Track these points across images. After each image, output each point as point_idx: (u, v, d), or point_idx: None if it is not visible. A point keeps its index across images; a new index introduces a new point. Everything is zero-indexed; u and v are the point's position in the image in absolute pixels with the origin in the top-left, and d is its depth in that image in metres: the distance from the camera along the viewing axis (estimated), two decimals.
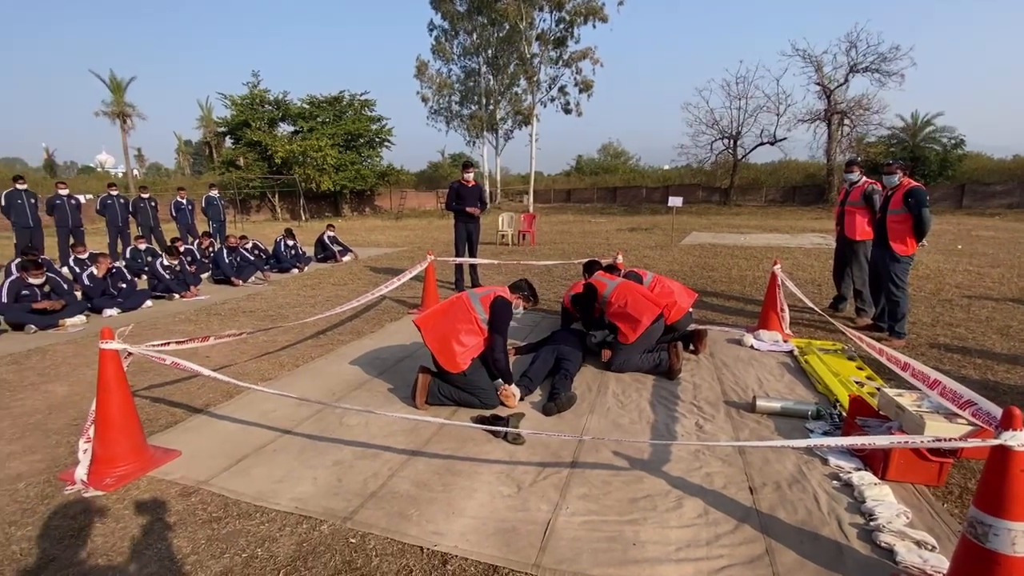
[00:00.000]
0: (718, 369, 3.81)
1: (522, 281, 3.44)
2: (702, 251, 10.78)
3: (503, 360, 3.11)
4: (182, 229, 11.13)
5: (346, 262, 10.08)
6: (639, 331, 3.62)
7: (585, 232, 16.36)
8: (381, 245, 13.55)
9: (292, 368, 3.95)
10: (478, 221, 6.99)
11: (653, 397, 3.31)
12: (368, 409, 2.70)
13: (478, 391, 3.08)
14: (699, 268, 8.51)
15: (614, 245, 12.10)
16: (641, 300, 3.73)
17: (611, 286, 3.88)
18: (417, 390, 3.10)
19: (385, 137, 30.63)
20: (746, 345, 4.30)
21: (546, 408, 3.07)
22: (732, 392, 3.39)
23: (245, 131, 26.06)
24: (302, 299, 6.61)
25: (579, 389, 3.43)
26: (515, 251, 11.53)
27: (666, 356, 3.63)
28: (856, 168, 5.04)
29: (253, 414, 3.11)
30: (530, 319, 5.37)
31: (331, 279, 8.11)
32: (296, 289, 7.34)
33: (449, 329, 3.09)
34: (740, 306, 5.85)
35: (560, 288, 6.92)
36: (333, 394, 3.40)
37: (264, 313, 5.85)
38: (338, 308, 4.56)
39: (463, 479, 2.44)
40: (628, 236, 14.77)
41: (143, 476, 2.49)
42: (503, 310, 3.13)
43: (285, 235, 9.33)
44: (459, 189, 6.69)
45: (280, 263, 8.94)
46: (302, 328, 5.07)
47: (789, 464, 2.57)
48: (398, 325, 5.18)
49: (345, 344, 4.57)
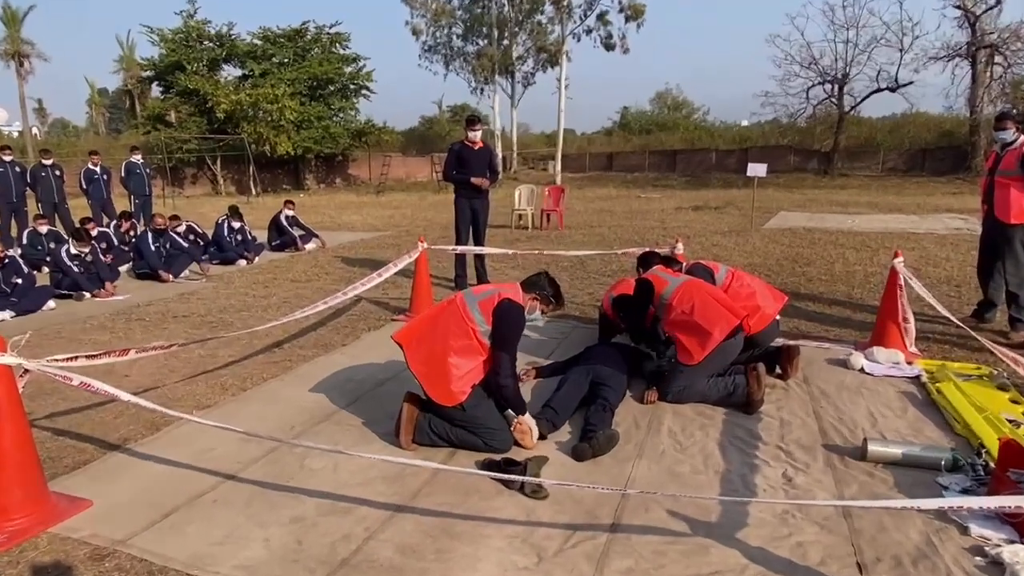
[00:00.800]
0: (815, 400, 3.77)
1: (541, 276, 3.42)
2: (793, 238, 10.65)
3: (511, 386, 3.11)
4: (95, 206, 11.41)
5: (310, 251, 10.20)
6: (708, 348, 3.59)
7: (632, 212, 16.30)
8: (356, 228, 13.66)
9: (238, 392, 4.00)
10: (487, 196, 7.01)
11: (724, 437, 3.29)
12: (337, 448, 2.71)
13: (482, 430, 3.08)
14: (789, 261, 8.40)
15: (672, 230, 12.03)
16: (713, 306, 3.70)
17: (672, 284, 3.86)
18: (402, 425, 3.12)
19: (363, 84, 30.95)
20: (854, 368, 4.25)
21: (577, 450, 3.06)
22: (834, 432, 3.34)
23: (178, 76, 26.60)
24: (252, 300, 6.70)
25: (622, 426, 3.42)
26: (536, 237, 11.54)
27: (742, 381, 3.60)
28: (1011, 124, 4.92)
29: (186, 453, 3.16)
30: (556, 329, 5.37)
31: (290, 274, 8.21)
32: (244, 287, 7.45)
33: (439, 346, 3.09)
34: (846, 314, 5.76)
35: (597, 288, 6.90)
36: (292, 428, 3.43)
37: (201, 319, 5.94)
38: (299, 312, 4.61)
39: (464, 544, 2.44)
40: (691, 217, 14.66)
41: (43, 532, 2.55)
42: (510, 317, 3.11)
43: (230, 215, 9.49)
44: (461, 153, 6.73)
45: (223, 252, 9.09)
46: (251, 339, 5.13)
47: (914, 532, 2.51)
48: (378, 336, 5.21)
49: (308, 361, 4.62)
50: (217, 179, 27.39)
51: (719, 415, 3.56)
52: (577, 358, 4.05)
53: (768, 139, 33.60)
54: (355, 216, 16.35)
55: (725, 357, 3.70)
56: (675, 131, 40.88)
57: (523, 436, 3.13)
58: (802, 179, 27.33)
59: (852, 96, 28.78)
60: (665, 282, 3.91)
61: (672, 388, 3.69)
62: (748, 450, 3.14)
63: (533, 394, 3.87)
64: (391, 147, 32.47)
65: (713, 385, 3.65)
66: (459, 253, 6.85)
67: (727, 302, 3.79)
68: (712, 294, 3.81)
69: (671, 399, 3.69)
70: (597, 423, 3.23)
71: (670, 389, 3.69)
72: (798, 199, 19.36)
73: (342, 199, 22.92)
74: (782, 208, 16.38)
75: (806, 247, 9.65)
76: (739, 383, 3.61)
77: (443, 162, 7.75)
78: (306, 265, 8.86)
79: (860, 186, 24.60)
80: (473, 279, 6.98)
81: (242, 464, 3.04)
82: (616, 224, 13.22)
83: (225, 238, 9.18)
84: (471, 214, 6.88)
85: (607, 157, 36.85)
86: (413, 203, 20.64)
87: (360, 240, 11.49)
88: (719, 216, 14.79)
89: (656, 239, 10.55)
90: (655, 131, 42.22)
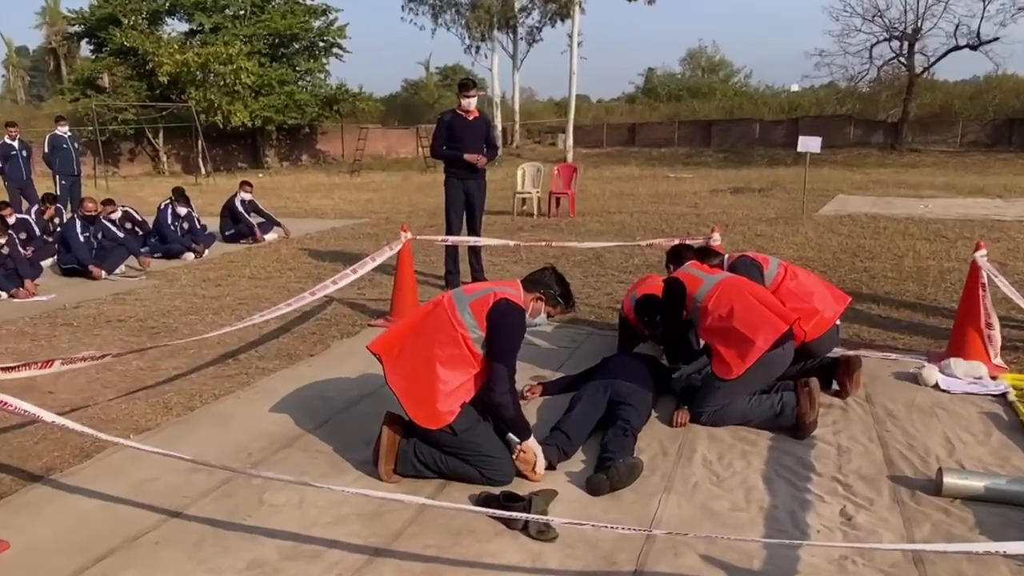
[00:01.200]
0: (879, 423, 3.75)
1: (546, 272, 3.40)
2: (854, 227, 10.64)
3: (509, 404, 3.09)
4: (12, 188, 11.43)
5: (271, 242, 10.22)
6: (750, 359, 3.58)
7: (659, 194, 16.28)
8: (327, 215, 13.66)
9: (184, 412, 4.00)
10: (483, 176, 7.02)
11: (769, 467, 3.28)
12: (304, 480, 2.71)
13: (478, 458, 3.08)
14: (848, 255, 8.39)
15: (707, 217, 12.02)
16: (756, 309, 3.69)
17: (708, 283, 3.86)
18: (382, 452, 3.12)
19: (334, 41, 30.98)
20: (927, 384, 4.25)
21: (593, 483, 3.06)
22: (902, 461, 3.34)
23: (112, 32, 26.67)
24: (201, 301, 6.71)
25: (647, 453, 3.41)
26: (543, 226, 11.54)
27: (792, 400, 3.59)
28: None
29: (123, 485, 3.15)
30: (566, 336, 5.36)
31: (247, 269, 8.22)
32: (191, 285, 7.46)
33: (422, 357, 3.09)
34: (917, 318, 5.76)
35: (617, 287, 6.91)
36: (249, 455, 3.43)
37: (141, 324, 5.95)
38: (257, 317, 4.61)
39: None
40: (730, 202, 14.65)
41: None
42: (509, 321, 3.10)
43: (174, 199, 9.50)
44: (453, 124, 6.74)
45: (166, 243, 9.11)
46: (200, 348, 5.13)
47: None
48: (352, 345, 5.21)
49: (268, 375, 4.62)
50: (159, 156, 27.44)
51: (763, 440, 3.54)
52: (592, 372, 4.04)
53: (823, 107, 33.56)
54: (325, 200, 16.35)
55: (771, 370, 3.69)
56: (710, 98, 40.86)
57: (527, 465, 3.12)
58: (864, 155, 27.32)
59: (925, 55, 28.77)
60: (699, 281, 3.90)
61: (707, 408, 3.68)
62: (799, 483, 3.13)
63: (539, 415, 3.86)
64: (369, 117, 32.50)
65: (756, 404, 3.65)
66: (450, 245, 6.85)
67: (774, 304, 3.78)
68: (755, 294, 3.80)
69: (705, 420, 3.68)
70: (616, 450, 3.22)
71: (705, 409, 3.68)
72: (859, 180, 19.34)
73: (310, 180, 22.93)
74: (840, 190, 16.35)
75: (869, 238, 9.64)
76: (788, 402, 3.60)
77: (431, 136, 7.74)
78: (266, 259, 8.86)
79: (934, 164, 24.57)
80: (467, 276, 6.98)
81: (189, 499, 3.04)
82: (639, 210, 13.21)
83: (169, 227, 9.18)
84: (464, 198, 6.88)
85: (629, 129, 36.83)
86: (395, 185, 20.64)
87: (331, 229, 11.49)
88: (764, 200, 14.77)
89: (688, 228, 10.54)
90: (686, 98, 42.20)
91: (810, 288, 4.18)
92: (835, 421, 3.77)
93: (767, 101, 38.67)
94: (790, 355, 3.76)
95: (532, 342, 5.16)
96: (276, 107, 27.77)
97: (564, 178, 13.30)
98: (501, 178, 19.17)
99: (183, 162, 27.79)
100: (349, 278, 5.22)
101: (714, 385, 3.69)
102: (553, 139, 36.17)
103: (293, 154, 31.87)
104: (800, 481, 3.15)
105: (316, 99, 29.51)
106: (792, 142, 16.73)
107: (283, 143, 31.46)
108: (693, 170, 24.52)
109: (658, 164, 27.73)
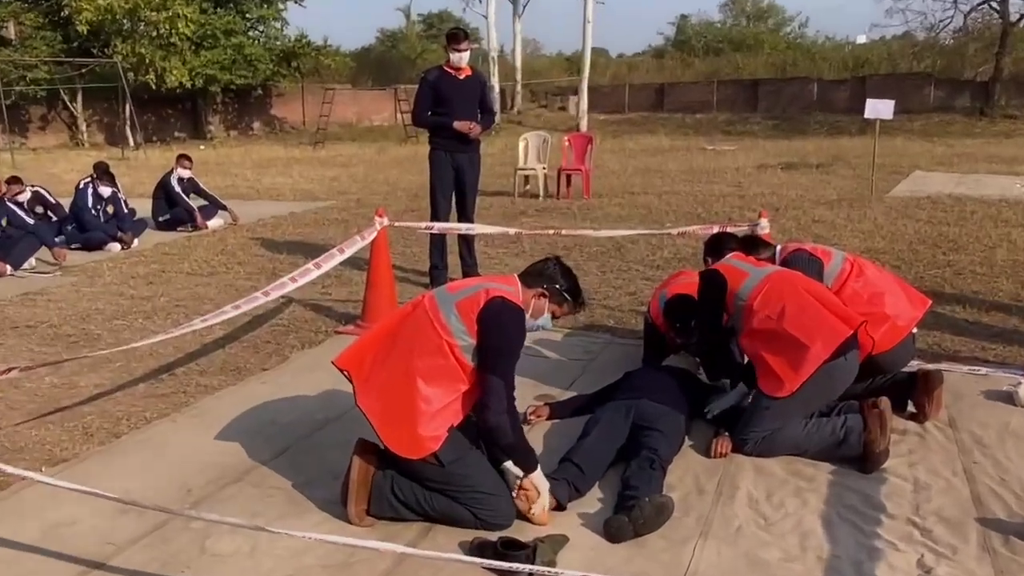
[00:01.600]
0: (965, 452, 3.74)
1: (548, 263, 3.39)
2: (934, 211, 10.64)
3: (508, 429, 3.07)
4: None
5: (215, 229, 10.22)
6: (805, 371, 3.56)
7: (693, 171, 16.27)
8: (284, 196, 13.63)
9: (108, 440, 3.98)
10: (477, 149, 7.01)
11: (829, 507, 3.27)
12: (256, 524, 2.70)
13: (469, 496, 3.07)
14: (927, 246, 8.39)
15: (752, 199, 12.00)
16: (812, 309, 3.68)
17: (754, 277, 3.84)
18: (351, 489, 3.12)
19: None
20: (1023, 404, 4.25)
21: (613, 526, 3.06)
22: (994, 500, 3.33)
23: None
24: (129, 303, 6.70)
25: (679, 490, 3.41)
26: (551, 210, 11.53)
27: (857, 424, 3.57)
28: None
29: (33, 530, 3.15)
30: (579, 345, 5.36)
31: (185, 264, 8.22)
32: (117, 282, 7.45)
33: (398, 371, 3.09)
34: (1012, 324, 5.75)
35: (642, 285, 6.91)
36: (188, 492, 3.42)
37: (55, 330, 5.94)
38: (199, 322, 4.59)
39: None
40: (781, 180, 14.62)
41: None
42: (503, 323, 3.09)
43: (96, 176, 9.48)
44: (440, 85, 6.74)
45: (86, 231, 9.09)
46: (128, 361, 5.12)
47: None
48: (316, 356, 5.21)
49: (212, 394, 4.61)
50: (77, 124, 27.39)
51: (822, 474, 3.53)
52: (611, 390, 4.03)
53: (896, 63, 33.55)
54: (282, 178, 16.33)
55: (831, 386, 3.68)
56: (757, 52, 40.88)
57: (530, 504, 3.12)
58: (947, 123, 27.28)
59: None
60: (743, 274, 3.89)
61: (753, 433, 3.66)
62: (866, 527, 3.12)
63: (546, 443, 3.86)
64: (336, 76, 32.51)
65: (814, 430, 3.63)
66: (436, 234, 6.85)
67: (835, 304, 3.76)
68: (812, 291, 3.78)
69: (751, 450, 3.67)
70: (641, 485, 3.22)
71: (750, 435, 3.67)
72: (941, 153, 19.31)
73: (263, 153, 22.92)
74: (917, 166, 16.33)
75: (953, 224, 9.63)
76: (853, 427, 3.58)
77: (412, 99, 7.74)
78: (209, 251, 8.85)
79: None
80: (457, 273, 6.98)
81: (116, 546, 3.02)
82: (669, 190, 13.20)
83: (89, 211, 9.18)
84: (454, 175, 6.88)
85: (656, 91, 36.77)
86: (368, 159, 20.62)
87: (289, 214, 11.47)
88: (822, 178, 14.75)
89: (729, 213, 10.54)
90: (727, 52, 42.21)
91: (880, 288, 4.15)
92: (911, 451, 3.76)
93: (827, 56, 38.63)
94: (854, 368, 3.74)
95: (538, 353, 5.16)
96: (221, 63, 27.74)
97: (577, 151, 13.30)
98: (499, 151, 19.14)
99: (107, 131, 27.77)
100: (312, 274, 5.21)
101: (761, 405, 3.68)
102: (563, 103, 36.18)
103: (242, 121, 31.84)
104: (867, 525, 3.14)
105: (270, 54, 29.47)
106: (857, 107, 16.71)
107: (230, 108, 31.43)
108: (735, 141, 24.50)
109: (692, 134, 27.71)
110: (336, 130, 29.00)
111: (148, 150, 23.56)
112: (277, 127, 32.17)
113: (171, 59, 26.06)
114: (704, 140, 24.93)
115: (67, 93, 26.84)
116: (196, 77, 27.03)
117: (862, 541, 3.04)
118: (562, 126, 28.10)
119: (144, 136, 25.41)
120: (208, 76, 27.51)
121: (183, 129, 29.74)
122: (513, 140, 16.31)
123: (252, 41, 29.04)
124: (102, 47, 25.92)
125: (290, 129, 31.87)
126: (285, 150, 24.03)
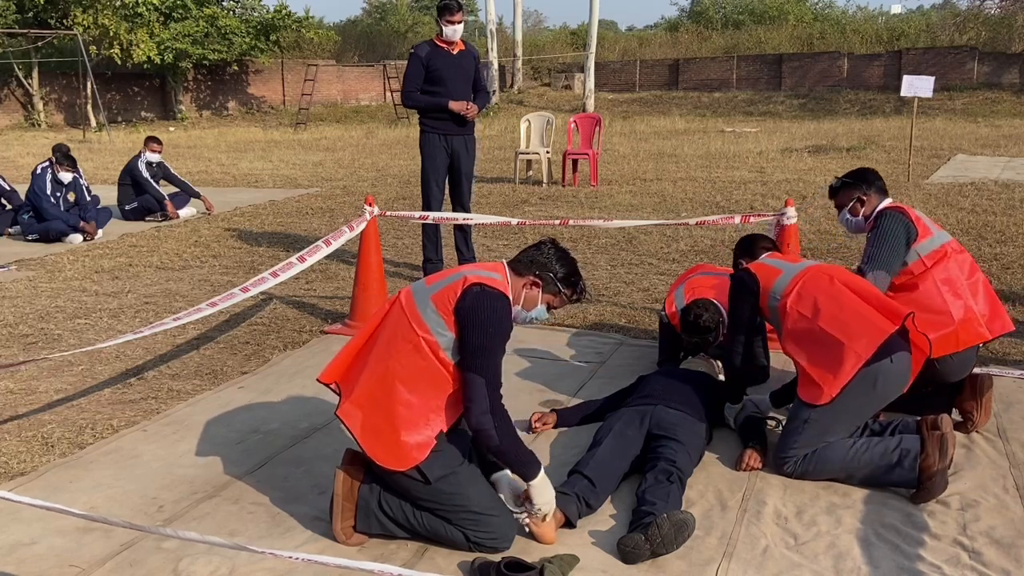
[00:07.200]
0: (1016, 466, 3.73)
1: (542, 248, 3.31)
2: (979, 198, 10.63)
3: (494, 432, 3.01)
4: None
5: (187, 219, 10.23)
6: (845, 373, 3.48)
7: (710, 155, 16.28)
8: (263, 183, 13.66)
9: (71, 451, 3.97)
10: (472, 132, 7.00)
11: (866, 526, 3.26)
12: (235, 543, 2.69)
13: (461, 516, 3.05)
14: (972, 237, 8.38)
15: (777, 186, 12.00)
16: (852, 304, 3.63)
17: (788, 273, 3.82)
18: (336, 504, 3.11)
19: None
20: None
21: (627, 546, 3.05)
22: None
23: None
24: (92, 300, 6.69)
25: (700, 505, 3.41)
26: (555, 197, 11.53)
27: (914, 445, 3.46)
28: None
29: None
30: (588, 346, 5.35)
31: (155, 256, 8.21)
32: (79, 277, 7.44)
33: (377, 375, 3.09)
34: None
35: (657, 281, 6.91)
36: (160, 509, 3.42)
37: (10, 331, 5.93)
38: (171, 321, 4.58)
39: None
40: (808, 165, 14.63)
41: None
42: (481, 312, 3.02)
43: (55, 160, 9.47)
44: (432, 60, 6.74)
45: (44, 220, 9.09)
46: (92, 364, 5.12)
47: None
48: (299, 359, 5.20)
49: (185, 400, 4.60)
50: (33, 103, 27.37)
51: (858, 491, 3.51)
52: (624, 395, 4.04)
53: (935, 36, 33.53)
54: (261, 163, 16.34)
55: (875, 395, 3.58)
56: (781, 24, 40.83)
57: (535, 521, 3.11)
58: (993, 101, 27.25)
59: None
60: (775, 272, 3.86)
61: (794, 450, 3.58)
62: (907, 548, 3.11)
63: (552, 454, 3.86)
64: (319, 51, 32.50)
65: (862, 450, 3.51)
66: (430, 224, 6.86)
67: (877, 298, 3.69)
68: (852, 284, 3.72)
69: (792, 470, 3.59)
70: (657, 501, 3.21)
71: (790, 453, 3.59)
72: (986, 134, 19.31)
73: (239, 135, 22.94)
74: (959, 149, 16.33)
75: (1000, 214, 9.62)
76: (908, 449, 3.45)
77: (402, 76, 7.72)
78: (181, 243, 8.85)
79: None
80: (454, 266, 6.96)
81: (80, 568, 3.01)
82: (685, 176, 13.20)
83: (48, 199, 9.16)
84: (448, 160, 6.89)
85: (670, 67, 36.80)
86: (355, 142, 20.63)
87: (269, 203, 11.49)
88: (854, 163, 14.62)
89: (751, 201, 10.54)
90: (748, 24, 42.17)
91: (959, 287, 4.02)
92: (957, 464, 3.71)
93: (858, 28, 38.60)
94: (905, 373, 3.63)
95: (543, 355, 5.15)
96: (193, 37, 27.76)
97: (583, 133, 13.31)
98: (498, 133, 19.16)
99: (66, 111, 27.79)
100: (295, 269, 5.19)
101: (800, 416, 3.59)
102: (568, 81, 36.17)
103: (216, 101, 31.86)
104: (909, 546, 3.13)
105: (247, 26, 29.48)
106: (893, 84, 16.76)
107: (203, 86, 31.44)
108: (757, 122, 24.51)
109: (710, 114, 27.73)
110: (319, 110, 29.04)
111: (112, 132, 23.58)
112: (255, 107, 32.19)
113: (137, 31, 26.09)
114: (722, 122, 24.94)
115: (21, 69, 26.82)
116: (165, 51, 27.06)
117: (903, 564, 3.02)
118: (567, 106, 28.14)
119: (108, 116, 25.40)
120: (178, 50, 27.52)
121: (151, 109, 29.75)
122: (514, 121, 16.33)
123: (227, 12, 29.06)
124: (60, 18, 25.91)
125: (269, 109, 31.90)
126: (264, 132, 24.07)
